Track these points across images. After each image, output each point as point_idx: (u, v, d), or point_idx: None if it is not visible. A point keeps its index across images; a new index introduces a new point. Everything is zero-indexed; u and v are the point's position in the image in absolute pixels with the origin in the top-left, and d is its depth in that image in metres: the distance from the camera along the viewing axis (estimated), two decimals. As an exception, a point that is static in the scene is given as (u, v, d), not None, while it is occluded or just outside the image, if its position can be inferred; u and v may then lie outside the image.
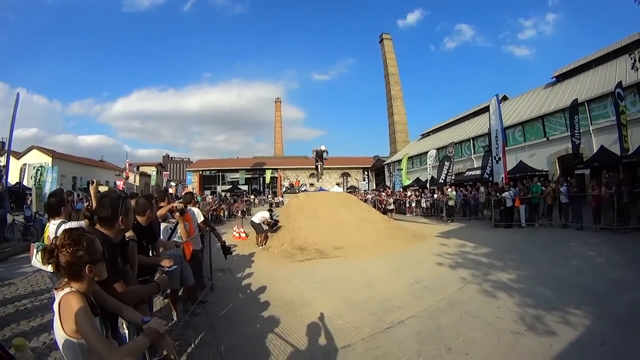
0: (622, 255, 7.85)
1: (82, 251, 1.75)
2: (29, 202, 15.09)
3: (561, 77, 25.75)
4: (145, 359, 2.81)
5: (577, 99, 17.23)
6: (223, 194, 41.39)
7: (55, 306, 1.72)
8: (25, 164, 22.87)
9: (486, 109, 20.84)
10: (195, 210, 6.07)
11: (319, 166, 12.46)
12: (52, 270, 1.86)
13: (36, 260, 3.96)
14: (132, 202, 3.07)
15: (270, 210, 11.88)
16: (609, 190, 10.67)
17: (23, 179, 21.86)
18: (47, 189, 15.93)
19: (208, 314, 5.42)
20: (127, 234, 2.74)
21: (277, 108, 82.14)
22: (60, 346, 1.75)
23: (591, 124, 18.69)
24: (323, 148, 13.54)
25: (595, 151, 16.89)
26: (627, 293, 5.47)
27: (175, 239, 5.02)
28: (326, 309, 5.53)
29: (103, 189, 6.17)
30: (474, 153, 28.11)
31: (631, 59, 11.63)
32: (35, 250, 4.24)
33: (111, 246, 2.29)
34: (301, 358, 4.02)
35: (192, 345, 4.27)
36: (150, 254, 3.66)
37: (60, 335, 1.71)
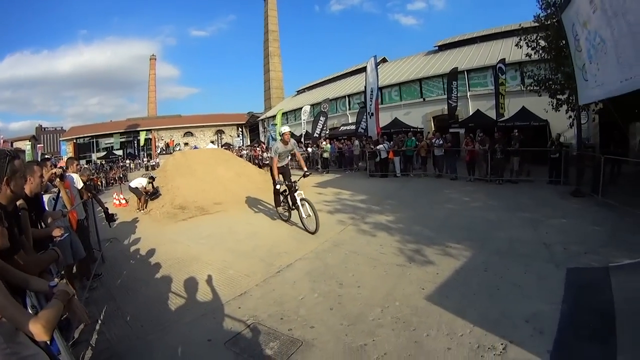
0: (497, 201, 8.55)
1: None
2: None
3: (444, 47, 27.89)
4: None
5: (457, 67, 18.87)
6: (99, 161, 39.97)
7: None
8: None
9: (363, 69, 21.48)
10: (75, 176, 5.84)
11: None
12: None
13: None
14: None
15: (151, 178, 11.83)
16: (482, 147, 11.62)
17: None
18: None
19: (105, 286, 5.33)
20: (18, 203, 2.60)
21: (152, 66, 76.45)
22: None
23: (469, 90, 20.89)
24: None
25: (471, 114, 18.98)
26: (505, 231, 6.03)
27: (60, 209, 4.82)
28: (216, 261, 5.70)
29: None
30: (349, 109, 29.34)
31: (517, 37, 13.04)
32: None
33: (6, 214, 2.12)
34: (203, 311, 4.09)
35: (99, 322, 4.13)
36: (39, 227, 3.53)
37: None
